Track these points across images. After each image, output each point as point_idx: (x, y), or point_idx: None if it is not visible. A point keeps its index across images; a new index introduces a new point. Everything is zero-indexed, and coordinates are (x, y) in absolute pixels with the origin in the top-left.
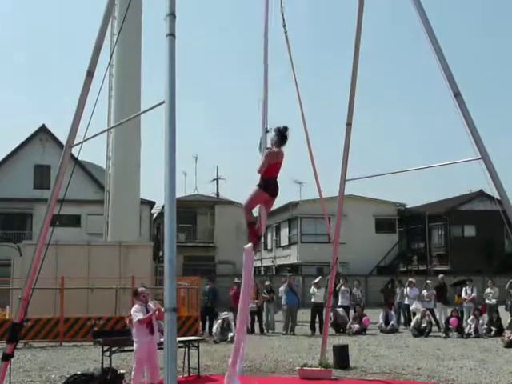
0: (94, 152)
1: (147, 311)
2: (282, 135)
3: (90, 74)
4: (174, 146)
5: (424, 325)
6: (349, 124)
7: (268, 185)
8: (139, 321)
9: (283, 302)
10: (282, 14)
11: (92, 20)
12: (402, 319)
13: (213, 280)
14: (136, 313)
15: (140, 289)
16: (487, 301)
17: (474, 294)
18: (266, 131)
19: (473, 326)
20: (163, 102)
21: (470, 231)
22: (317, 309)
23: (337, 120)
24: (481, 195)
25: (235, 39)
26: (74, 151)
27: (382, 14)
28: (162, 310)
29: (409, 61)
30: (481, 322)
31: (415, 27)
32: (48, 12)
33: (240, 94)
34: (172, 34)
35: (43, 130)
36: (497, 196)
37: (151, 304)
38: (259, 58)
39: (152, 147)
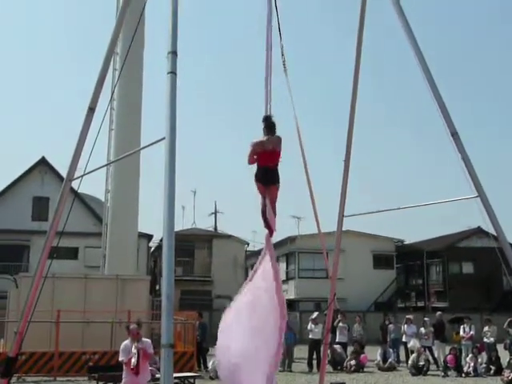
0: (93, 185)
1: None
2: (265, 124)
3: (91, 109)
4: (173, 183)
5: (421, 363)
6: (347, 160)
7: (259, 174)
8: (123, 362)
9: None
10: (282, 54)
11: (94, 53)
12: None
13: (201, 315)
14: (122, 351)
15: (131, 326)
16: (485, 339)
17: (472, 332)
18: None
19: (471, 364)
20: (163, 139)
21: (468, 268)
22: (314, 345)
23: (335, 155)
24: (479, 232)
25: (235, 76)
26: (74, 184)
27: (381, 56)
28: (150, 351)
29: (407, 97)
30: (479, 360)
31: (413, 66)
32: (49, 44)
33: (238, 129)
34: (173, 72)
35: (43, 162)
36: (494, 233)
37: (141, 343)
38: (258, 94)
39: (151, 180)
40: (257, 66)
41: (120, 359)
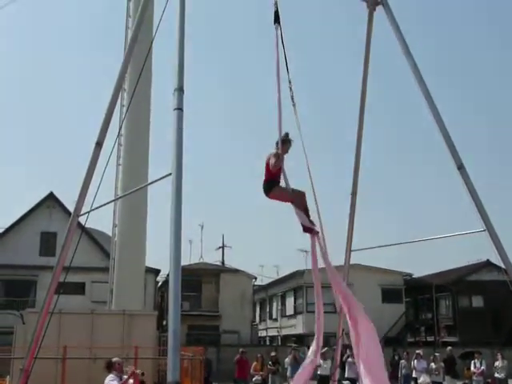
0: (101, 219)
1: None
2: None
3: (98, 145)
4: (180, 218)
5: None
6: (353, 194)
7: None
8: None
9: (288, 374)
10: (290, 88)
11: (102, 88)
12: None
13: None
14: (112, 381)
15: (114, 359)
16: (496, 374)
17: (483, 368)
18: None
19: None
20: (170, 174)
21: (477, 302)
22: (323, 381)
23: (343, 189)
24: (488, 265)
25: (241, 106)
26: (81, 219)
27: (384, 85)
28: (138, 372)
29: (411, 130)
30: None
31: (417, 98)
32: (58, 78)
33: (247, 162)
34: (180, 108)
35: (51, 197)
36: (503, 266)
37: (126, 376)
38: (267, 126)
39: (159, 214)
40: (266, 99)
41: None
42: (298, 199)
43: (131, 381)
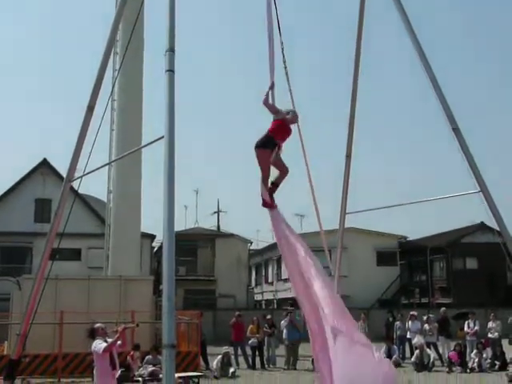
0: (96, 185)
1: None
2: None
3: (90, 109)
4: (172, 181)
5: (426, 361)
6: (348, 156)
7: (268, 141)
8: (105, 349)
9: (284, 336)
10: (282, 50)
11: (94, 53)
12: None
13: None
14: (100, 344)
15: (97, 325)
16: (490, 334)
17: (476, 328)
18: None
19: (476, 360)
20: (163, 137)
21: (472, 264)
22: None
23: (337, 151)
24: (482, 227)
25: (237, 75)
26: (75, 184)
27: (381, 46)
28: (130, 325)
29: (407, 93)
30: (484, 356)
31: (412, 58)
32: (51, 44)
33: (240, 126)
34: (171, 70)
35: (44, 163)
36: (497, 228)
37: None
38: (260, 88)
39: (154, 179)
40: (257, 60)
41: (102, 348)
42: None
43: (119, 342)
